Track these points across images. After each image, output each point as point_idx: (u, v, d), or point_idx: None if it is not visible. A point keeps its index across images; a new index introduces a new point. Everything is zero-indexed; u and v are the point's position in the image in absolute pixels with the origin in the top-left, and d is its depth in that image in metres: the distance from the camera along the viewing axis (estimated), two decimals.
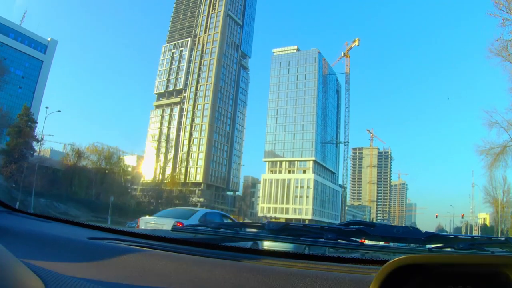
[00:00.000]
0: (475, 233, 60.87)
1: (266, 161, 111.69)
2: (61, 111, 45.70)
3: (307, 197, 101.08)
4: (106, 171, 53.18)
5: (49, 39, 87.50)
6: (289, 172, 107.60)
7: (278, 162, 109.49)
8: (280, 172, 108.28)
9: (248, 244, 1.57)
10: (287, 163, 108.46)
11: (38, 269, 0.90)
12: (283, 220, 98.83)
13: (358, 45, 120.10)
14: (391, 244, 1.57)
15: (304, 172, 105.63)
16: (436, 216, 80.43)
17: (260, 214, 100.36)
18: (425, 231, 1.50)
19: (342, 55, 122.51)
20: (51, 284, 0.86)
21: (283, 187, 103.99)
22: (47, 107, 46.97)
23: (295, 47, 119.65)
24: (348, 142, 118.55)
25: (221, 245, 1.42)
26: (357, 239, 1.53)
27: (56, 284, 0.87)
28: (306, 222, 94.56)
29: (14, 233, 1.43)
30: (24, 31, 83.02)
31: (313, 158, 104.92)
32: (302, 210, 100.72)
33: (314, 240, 1.58)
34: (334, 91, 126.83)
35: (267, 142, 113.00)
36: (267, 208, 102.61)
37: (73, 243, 1.35)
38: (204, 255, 1.24)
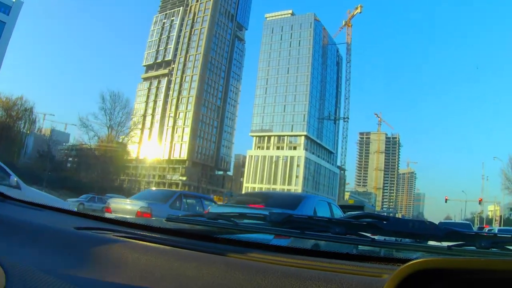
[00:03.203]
0: (495, 225, 52.32)
1: (253, 136, 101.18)
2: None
3: (297, 177, 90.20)
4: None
5: (14, 0, 79.41)
6: (277, 148, 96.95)
7: (266, 137, 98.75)
8: (268, 148, 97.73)
9: (246, 237, 1.42)
10: (276, 138, 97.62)
11: (2, 259, 0.85)
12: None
13: (361, 12, 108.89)
14: (406, 240, 1.40)
15: (295, 148, 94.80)
16: (446, 200, 69.58)
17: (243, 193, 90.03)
18: (444, 227, 1.35)
19: (344, 24, 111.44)
20: (14, 275, 0.81)
21: (270, 165, 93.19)
22: None
23: (290, 11, 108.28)
24: (348, 118, 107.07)
25: (217, 238, 1.30)
26: (368, 234, 1.37)
27: (20, 275, 0.82)
28: None
29: None
30: None
31: (305, 133, 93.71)
32: (291, 191, 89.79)
33: (319, 234, 1.40)
34: (334, 63, 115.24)
35: (255, 115, 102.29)
36: (251, 188, 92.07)
37: (58, 233, 1.24)
38: (197, 248, 1.13)
